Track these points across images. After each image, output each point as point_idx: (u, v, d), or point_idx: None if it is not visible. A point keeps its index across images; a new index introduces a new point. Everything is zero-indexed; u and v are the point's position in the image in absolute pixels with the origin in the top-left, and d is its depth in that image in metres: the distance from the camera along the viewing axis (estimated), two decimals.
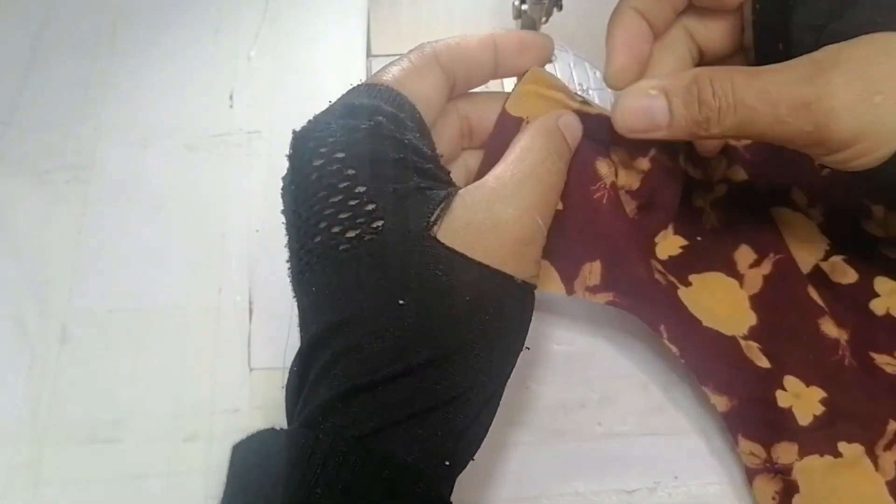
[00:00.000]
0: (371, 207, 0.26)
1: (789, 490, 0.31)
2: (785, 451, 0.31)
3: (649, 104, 0.30)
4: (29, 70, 0.47)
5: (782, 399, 0.32)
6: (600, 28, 0.33)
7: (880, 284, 0.35)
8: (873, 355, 0.34)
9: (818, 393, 0.33)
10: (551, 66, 0.36)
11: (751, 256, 0.36)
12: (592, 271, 0.33)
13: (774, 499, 0.31)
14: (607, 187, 0.33)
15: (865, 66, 0.27)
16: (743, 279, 0.36)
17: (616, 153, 0.33)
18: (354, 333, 0.25)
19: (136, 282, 0.39)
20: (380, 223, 0.26)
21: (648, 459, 0.33)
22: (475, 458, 0.27)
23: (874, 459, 0.31)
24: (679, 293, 0.34)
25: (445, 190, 0.28)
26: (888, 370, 0.33)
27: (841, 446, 0.31)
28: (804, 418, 0.32)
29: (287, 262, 0.28)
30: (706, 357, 0.33)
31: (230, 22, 0.49)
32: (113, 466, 0.34)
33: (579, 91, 0.40)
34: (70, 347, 0.37)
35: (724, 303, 0.35)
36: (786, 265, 0.36)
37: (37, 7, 0.50)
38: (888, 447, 0.31)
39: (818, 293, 0.35)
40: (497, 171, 0.29)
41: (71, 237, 0.41)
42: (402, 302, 0.25)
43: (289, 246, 0.28)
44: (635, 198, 0.34)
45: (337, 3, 0.50)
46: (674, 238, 0.37)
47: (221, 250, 0.40)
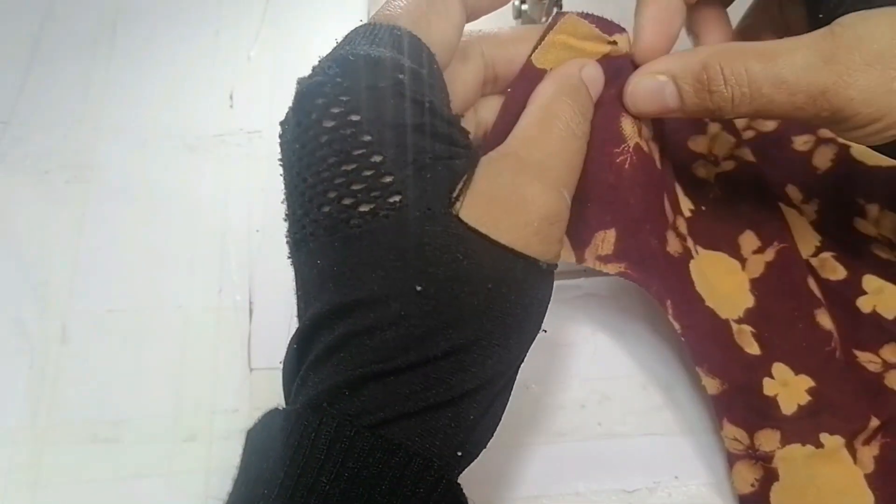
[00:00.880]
0: (388, 180, 0.24)
1: (769, 478, 0.31)
2: (767, 439, 0.31)
3: (660, 88, 0.29)
4: (29, 70, 0.47)
5: (769, 387, 0.32)
6: None
7: (868, 282, 0.35)
8: (856, 352, 0.34)
9: (806, 382, 0.32)
10: None
11: (755, 243, 0.36)
12: (606, 240, 0.31)
13: (753, 486, 0.31)
14: (630, 150, 0.31)
15: (884, 48, 0.26)
16: (745, 263, 0.36)
17: None
18: (364, 317, 0.23)
19: (136, 282, 0.39)
20: (397, 198, 0.24)
21: (649, 459, 0.33)
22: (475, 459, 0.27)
23: (853, 453, 0.31)
24: (691, 264, 0.33)
25: (466, 158, 0.25)
26: (870, 368, 0.33)
27: (823, 437, 0.31)
28: (788, 408, 0.32)
29: (287, 234, 0.26)
30: (703, 337, 0.32)
31: (230, 22, 0.49)
32: (113, 466, 0.34)
33: None
34: (70, 347, 0.37)
35: (726, 281, 0.35)
36: (789, 255, 0.36)
37: (37, 7, 0.50)
38: (867, 442, 0.31)
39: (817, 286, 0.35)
40: (521, 134, 0.27)
41: (71, 237, 0.41)
42: (420, 288, 0.23)
43: (288, 206, 0.26)
44: (657, 141, 0.33)
45: (337, 4, 0.50)
46: (683, 199, 0.36)
47: (221, 250, 0.40)
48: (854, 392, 0.32)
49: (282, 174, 0.26)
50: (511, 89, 0.30)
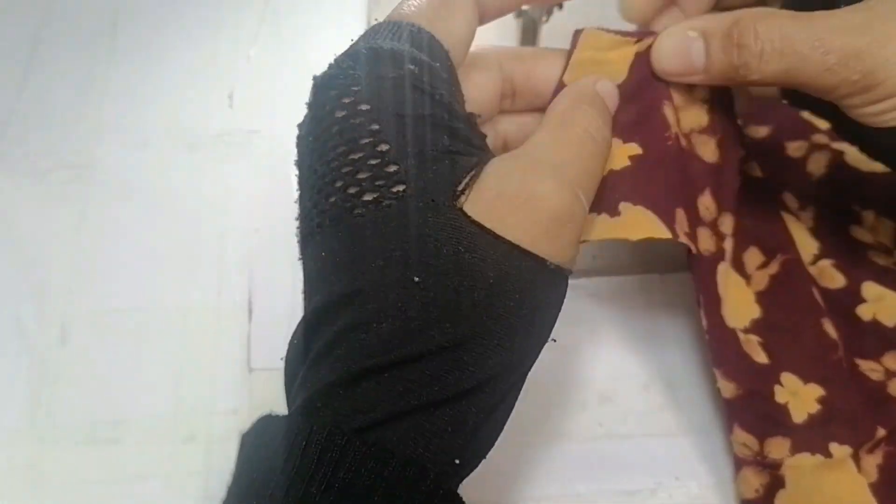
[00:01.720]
0: (393, 169, 0.24)
1: (774, 485, 0.31)
2: (777, 447, 0.31)
3: (688, 46, 0.29)
4: (29, 70, 0.47)
5: (780, 394, 0.32)
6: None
7: (867, 290, 0.34)
8: (858, 361, 0.33)
9: (816, 390, 0.32)
10: None
11: (759, 259, 0.36)
12: (680, 218, 0.31)
13: (758, 491, 0.31)
14: (673, 137, 0.30)
15: None
16: (750, 279, 0.36)
17: (675, 89, 0.31)
18: (361, 310, 0.23)
19: (136, 282, 0.39)
20: (401, 188, 0.23)
21: (649, 460, 0.33)
22: None
23: (857, 461, 0.31)
24: (720, 265, 0.33)
25: (478, 156, 0.25)
26: (873, 377, 0.33)
27: (832, 447, 0.31)
28: (799, 416, 0.32)
29: (296, 227, 0.26)
30: (722, 341, 0.32)
31: (230, 22, 0.49)
32: (112, 467, 0.34)
33: None
34: (70, 347, 0.37)
35: (733, 292, 0.35)
36: (793, 266, 0.35)
37: (37, 6, 0.50)
38: (871, 451, 0.31)
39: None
40: (535, 138, 0.26)
41: (71, 237, 0.41)
42: (418, 279, 0.23)
43: (300, 203, 0.26)
44: (710, 133, 0.32)
45: (336, 4, 0.49)
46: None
47: (221, 250, 0.40)
48: (861, 401, 0.32)
49: (296, 174, 0.26)
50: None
